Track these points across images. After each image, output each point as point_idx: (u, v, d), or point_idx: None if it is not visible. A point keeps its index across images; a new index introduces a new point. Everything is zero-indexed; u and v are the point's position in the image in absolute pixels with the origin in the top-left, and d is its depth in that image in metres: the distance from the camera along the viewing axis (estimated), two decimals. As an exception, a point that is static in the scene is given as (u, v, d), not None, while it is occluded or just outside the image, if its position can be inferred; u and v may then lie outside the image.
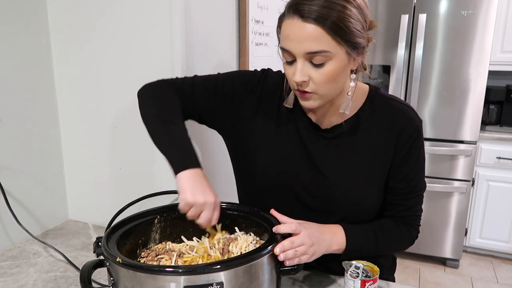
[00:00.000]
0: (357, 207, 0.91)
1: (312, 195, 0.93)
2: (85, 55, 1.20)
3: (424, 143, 0.93)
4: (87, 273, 0.70)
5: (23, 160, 1.18)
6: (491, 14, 2.33)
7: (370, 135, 0.90)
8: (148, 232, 0.89)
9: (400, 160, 0.90)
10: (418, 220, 0.97)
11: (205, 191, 0.80)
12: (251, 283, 0.71)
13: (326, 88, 0.80)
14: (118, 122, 1.22)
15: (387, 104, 0.91)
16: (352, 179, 0.91)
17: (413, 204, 0.95)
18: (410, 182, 0.92)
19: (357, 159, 0.90)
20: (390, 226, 0.94)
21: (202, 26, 1.24)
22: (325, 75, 0.77)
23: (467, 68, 2.43)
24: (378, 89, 0.94)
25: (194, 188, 0.80)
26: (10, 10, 1.10)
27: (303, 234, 0.79)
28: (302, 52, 0.76)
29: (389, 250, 0.99)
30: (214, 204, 0.81)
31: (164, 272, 0.67)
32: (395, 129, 0.88)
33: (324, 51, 0.75)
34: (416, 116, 0.90)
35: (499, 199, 2.63)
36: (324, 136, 0.91)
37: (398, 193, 0.92)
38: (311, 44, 0.74)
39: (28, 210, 1.20)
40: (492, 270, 2.68)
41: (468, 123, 2.50)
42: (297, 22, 0.74)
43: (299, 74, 0.77)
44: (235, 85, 0.96)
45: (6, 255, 1.09)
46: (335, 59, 0.76)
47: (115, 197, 1.26)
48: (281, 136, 0.94)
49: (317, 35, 0.73)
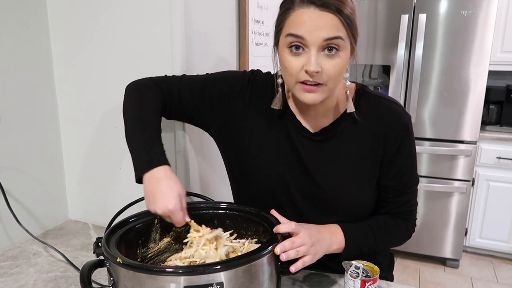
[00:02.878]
0: (350, 208, 0.92)
1: (304, 197, 0.93)
2: (85, 55, 1.20)
3: (414, 138, 0.92)
4: (87, 273, 0.70)
5: (23, 160, 1.18)
6: (491, 14, 2.33)
7: (359, 135, 0.90)
8: (148, 232, 0.89)
9: (390, 158, 0.90)
10: (414, 214, 0.98)
11: (164, 195, 0.79)
12: (251, 283, 0.71)
13: (334, 81, 0.80)
14: (118, 122, 1.22)
15: (374, 101, 0.91)
16: (342, 181, 0.91)
17: (407, 200, 0.95)
18: (402, 179, 0.92)
19: (347, 160, 0.91)
20: (387, 221, 0.95)
21: (202, 26, 1.24)
22: (337, 65, 0.78)
23: (467, 68, 2.43)
24: (365, 86, 0.93)
25: (153, 195, 0.80)
26: (10, 10, 1.10)
27: (303, 234, 0.79)
28: (320, 39, 0.75)
29: (388, 245, 1.00)
30: (175, 206, 0.79)
31: (164, 272, 0.67)
32: (383, 127, 0.88)
33: (340, 38, 0.76)
34: (403, 112, 0.90)
35: (499, 199, 2.63)
36: (313, 139, 0.91)
37: (391, 190, 0.93)
38: (329, 31, 0.75)
39: (28, 210, 1.20)
40: (492, 270, 2.68)
41: (468, 123, 2.50)
42: (314, 11, 0.75)
43: (314, 64, 0.76)
44: (223, 87, 0.95)
45: (6, 255, 1.09)
46: (344, 50, 0.78)
47: (115, 197, 1.26)
48: (271, 138, 0.93)
49: (335, 23, 0.75)
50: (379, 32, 2.58)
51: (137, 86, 0.97)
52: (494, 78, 2.91)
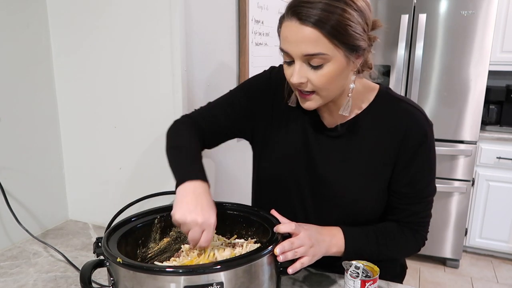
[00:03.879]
0: (355, 208, 0.91)
1: (311, 192, 0.93)
2: (85, 55, 1.20)
3: (433, 147, 0.88)
4: (87, 273, 0.70)
5: (23, 160, 1.18)
6: (491, 14, 2.33)
7: (374, 136, 0.88)
8: (148, 232, 0.89)
9: (404, 164, 0.87)
10: (425, 226, 0.93)
11: (197, 210, 0.74)
12: (251, 283, 0.71)
13: (326, 90, 0.80)
14: (118, 122, 1.22)
15: (395, 105, 0.89)
16: (350, 180, 0.90)
17: (420, 210, 0.91)
18: (415, 187, 0.89)
19: (358, 159, 0.90)
20: (394, 231, 0.91)
21: (202, 26, 1.24)
22: (323, 76, 0.77)
23: (467, 68, 2.43)
24: (388, 89, 0.92)
25: (187, 205, 0.75)
26: (10, 9, 1.10)
27: (302, 235, 0.79)
28: (300, 54, 0.76)
29: (392, 254, 0.94)
30: (203, 225, 0.74)
31: (164, 272, 0.67)
32: (400, 131, 0.86)
33: (321, 54, 0.75)
34: (424, 119, 0.87)
35: (499, 199, 2.63)
36: (327, 134, 0.91)
37: (403, 198, 0.90)
38: (308, 47, 0.75)
39: (28, 210, 1.20)
40: (492, 270, 2.68)
41: (468, 123, 2.50)
42: (295, 25, 0.75)
43: (296, 76, 0.78)
44: (249, 93, 0.99)
45: (6, 255, 1.09)
46: (332, 61, 0.76)
47: (115, 197, 1.26)
48: (287, 132, 0.95)
49: (314, 38, 0.74)
50: (379, 32, 2.57)
51: (173, 125, 0.99)
52: (494, 78, 2.91)
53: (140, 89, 1.17)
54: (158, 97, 1.15)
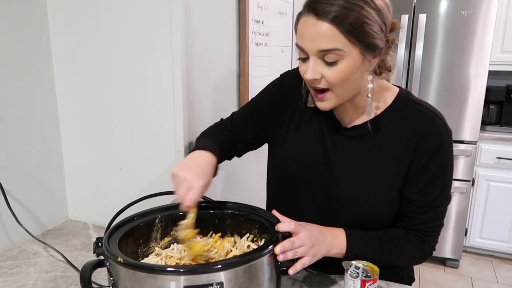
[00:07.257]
0: (364, 211, 0.89)
1: (322, 191, 0.93)
2: (85, 55, 1.20)
3: (452, 156, 0.86)
4: (87, 273, 0.70)
5: (23, 160, 1.18)
6: (491, 14, 2.33)
7: (389, 139, 0.87)
8: (148, 232, 0.89)
9: (417, 171, 0.85)
10: (433, 236, 0.91)
11: (191, 169, 0.83)
12: (251, 283, 0.71)
13: (340, 87, 0.80)
14: (118, 122, 1.22)
15: (414, 109, 0.87)
16: (362, 182, 0.89)
17: (431, 219, 0.89)
18: (427, 196, 0.86)
19: (371, 162, 0.88)
20: (400, 238, 0.89)
21: (202, 26, 1.24)
22: (338, 73, 0.77)
23: (467, 68, 2.43)
24: (409, 93, 0.91)
25: (185, 163, 0.85)
26: (10, 9, 1.10)
27: (303, 234, 0.79)
28: (315, 50, 0.76)
29: (396, 261, 0.91)
30: (191, 183, 0.81)
31: (165, 272, 0.67)
32: (416, 135, 0.84)
33: (336, 49, 0.75)
34: (443, 125, 0.85)
35: (499, 199, 2.63)
36: (344, 134, 0.91)
37: (414, 205, 0.87)
38: (323, 42, 0.75)
39: (28, 210, 1.20)
40: (492, 270, 2.68)
41: (468, 123, 2.50)
42: (311, 21, 0.75)
43: (310, 72, 0.78)
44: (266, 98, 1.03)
45: (6, 255, 1.09)
46: (348, 58, 0.76)
47: (115, 197, 1.26)
48: (305, 130, 0.96)
49: (330, 34, 0.74)
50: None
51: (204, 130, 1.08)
52: (494, 78, 2.91)
53: (140, 89, 1.17)
54: (158, 97, 1.15)
